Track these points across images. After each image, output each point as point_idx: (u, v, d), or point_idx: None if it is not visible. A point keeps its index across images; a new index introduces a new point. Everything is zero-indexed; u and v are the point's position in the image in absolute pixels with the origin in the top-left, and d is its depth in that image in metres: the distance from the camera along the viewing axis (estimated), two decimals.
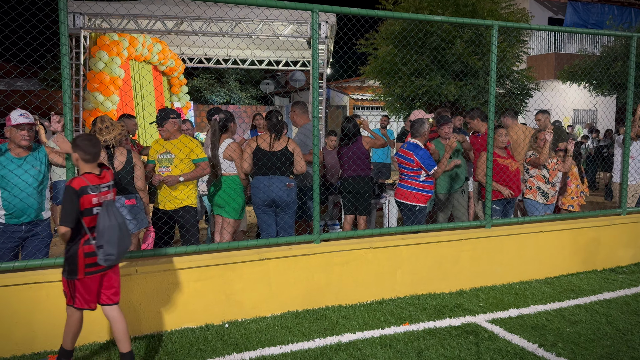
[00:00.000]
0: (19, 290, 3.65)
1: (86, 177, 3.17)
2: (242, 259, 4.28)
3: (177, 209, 4.59)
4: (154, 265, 4.04)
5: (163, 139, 4.62)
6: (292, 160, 4.84)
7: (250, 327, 4.15)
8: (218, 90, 21.96)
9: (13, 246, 3.88)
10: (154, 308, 4.03)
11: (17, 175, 3.78)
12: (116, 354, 3.67)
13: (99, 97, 9.03)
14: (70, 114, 3.83)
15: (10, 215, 3.81)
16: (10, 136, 3.79)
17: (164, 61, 12.07)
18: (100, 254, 3.14)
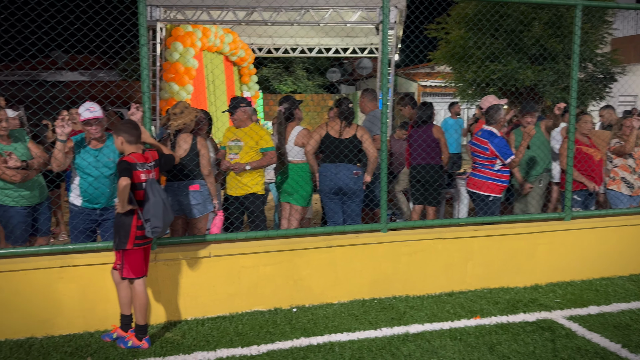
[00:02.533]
0: (104, 268, 3.89)
1: (133, 155, 3.49)
2: (309, 245, 4.32)
3: (246, 195, 4.70)
4: (226, 249, 4.17)
5: (234, 126, 4.73)
6: (359, 147, 4.79)
7: (317, 313, 4.18)
8: (285, 79, 22.23)
9: (88, 228, 4.13)
10: (226, 290, 4.16)
11: (95, 167, 4.00)
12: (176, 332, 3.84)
13: (174, 86, 9.40)
14: (148, 103, 4.01)
15: (87, 201, 4.06)
16: (85, 130, 4.00)
17: (235, 51, 12.35)
18: (147, 227, 3.45)
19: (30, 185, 4.13)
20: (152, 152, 3.70)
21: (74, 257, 3.88)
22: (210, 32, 10.50)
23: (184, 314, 4.10)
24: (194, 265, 4.09)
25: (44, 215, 4.32)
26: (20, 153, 4.07)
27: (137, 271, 3.58)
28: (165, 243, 4.13)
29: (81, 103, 3.96)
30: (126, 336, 3.65)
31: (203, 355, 3.51)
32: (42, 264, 3.81)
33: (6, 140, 4.08)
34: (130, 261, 3.54)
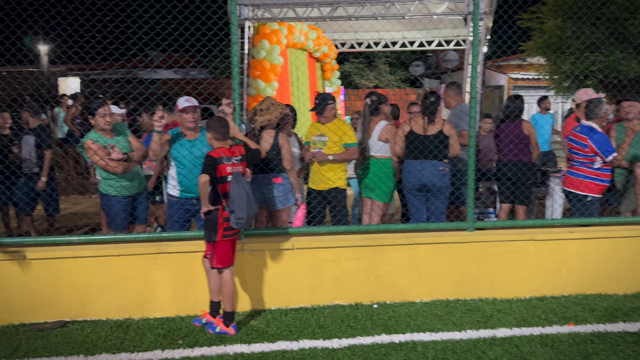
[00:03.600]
0: (196, 256, 4.08)
1: (220, 149, 3.66)
2: (391, 242, 4.27)
3: (329, 189, 4.73)
4: (309, 242, 4.23)
5: (320, 123, 4.78)
6: (446, 143, 4.65)
7: (398, 311, 4.13)
8: (367, 74, 22.11)
9: (182, 217, 4.35)
10: (308, 282, 4.23)
11: (189, 159, 4.20)
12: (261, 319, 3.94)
13: (260, 83, 9.67)
14: (238, 99, 4.15)
15: (184, 191, 4.28)
16: (180, 121, 4.22)
17: (319, 47, 12.46)
18: (232, 218, 3.60)
19: (130, 176, 4.43)
20: (239, 147, 3.84)
21: (168, 245, 4.11)
22: (295, 29, 10.68)
23: (267, 303, 4.22)
24: (278, 257, 4.19)
25: (142, 205, 4.63)
26: (122, 146, 4.38)
27: (225, 261, 3.73)
28: (252, 234, 4.26)
29: (176, 99, 4.19)
30: (214, 322, 3.82)
31: (286, 344, 3.59)
32: (139, 250, 4.08)
33: (110, 134, 4.40)
34: (219, 252, 3.70)
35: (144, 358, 3.43)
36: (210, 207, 3.61)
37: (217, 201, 3.65)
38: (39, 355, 3.48)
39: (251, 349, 3.53)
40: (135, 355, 3.46)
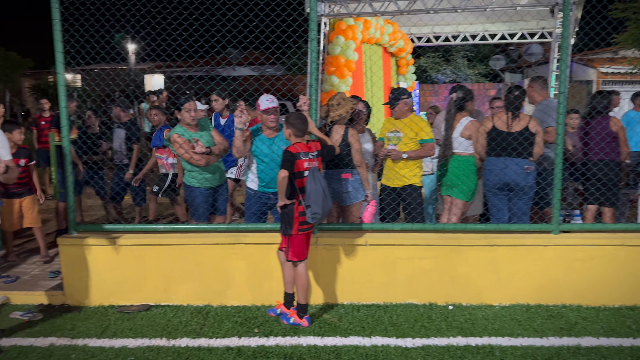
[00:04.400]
0: (271, 248, 4.18)
1: (297, 145, 3.73)
2: (469, 242, 4.14)
3: (404, 186, 4.66)
4: (382, 239, 4.20)
5: (394, 117, 4.72)
6: (531, 141, 4.42)
7: (475, 313, 4.00)
8: (444, 68, 21.54)
9: (259, 210, 4.46)
10: (381, 279, 4.20)
11: (268, 155, 4.29)
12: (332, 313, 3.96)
13: (334, 79, 9.70)
14: (315, 95, 4.20)
15: (263, 185, 4.38)
16: (261, 120, 4.32)
17: (394, 42, 12.29)
18: (308, 213, 3.65)
19: (212, 169, 4.61)
20: (315, 143, 3.88)
21: (245, 236, 4.25)
22: (370, 24, 10.60)
23: (340, 297, 4.24)
24: (351, 252, 4.19)
25: (222, 197, 4.80)
26: (205, 140, 4.56)
27: (300, 254, 3.79)
28: (325, 228, 4.30)
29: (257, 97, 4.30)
30: (288, 313, 3.90)
31: (359, 340, 3.59)
32: (219, 240, 4.25)
33: (194, 128, 4.60)
34: (294, 245, 3.77)
35: (222, 344, 3.56)
36: (287, 202, 3.68)
37: (293, 195, 3.71)
38: (125, 335, 3.71)
39: (324, 342, 3.57)
40: (214, 341, 3.61)
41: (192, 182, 4.61)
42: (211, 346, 3.54)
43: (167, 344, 3.57)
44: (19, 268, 5.05)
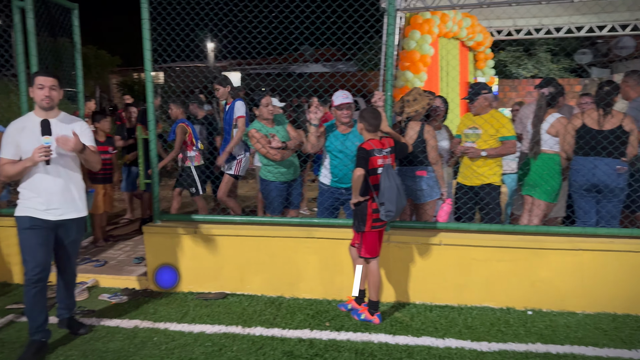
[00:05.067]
0: (342, 243, 4.20)
1: (371, 141, 3.66)
2: (552, 245, 3.94)
3: (482, 185, 4.50)
4: (457, 239, 4.09)
5: (473, 114, 4.56)
6: (624, 140, 4.11)
7: (556, 320, 3.81)
8: (525, 63, 20.54)
9: (332, 205, 4.49)
10: (455, 280, 4.10)
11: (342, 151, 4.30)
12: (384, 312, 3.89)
13: (408, 75, 9.55)
14: (391, 90, 4.15)
15: (336, 181, 4.41)
16: (335, 115, 4.33)
17: (472, 36, 11.89)
18: (382, 210, 3.60)
19: (287, 163, 4.70)
20: (389, 139, 3.83)
21: (317, 230, 4.29)
22: (448, 17, 10.32)
23: (412, 297, 4.19)
24: (424, 251, 4.12)
25: (296, 191, 4.89)
26: (281, 135, 4.66)
27: (372, 252, 3.77)
28: (398, 226, 4.25)
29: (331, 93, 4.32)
30: (359, 309, 3.90)
31: (432, 341, 3.52)
32: (292, 233, 4.33)
33: (270, 123, 4.71)
34: (367, 242, 3.75)
35: (295, 335, 3.63)
36: (361, 199, 3.67)
37: (366, 192, 3.69)
38: (203, 322, 3.88)
39: (395, 340, 3.54)
40: (287, 332, 3.68)
41: (268, 176, 4.72)
42: (284, 336, 3.61)
43: (242, 332, 3.69)
44: (107, 253, 5.42)
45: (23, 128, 3.27)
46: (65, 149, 3.19)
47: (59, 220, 3.35)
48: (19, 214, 3.32)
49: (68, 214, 3.38)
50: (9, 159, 3.26)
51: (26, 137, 3.24)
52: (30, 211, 3.29)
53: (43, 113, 3.29)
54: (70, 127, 3.33)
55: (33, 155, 3.13)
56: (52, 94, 3.27)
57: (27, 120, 3.32)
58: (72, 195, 3.39)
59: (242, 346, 3.48)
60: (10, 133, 3.27)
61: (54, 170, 3.27)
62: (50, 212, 3.31)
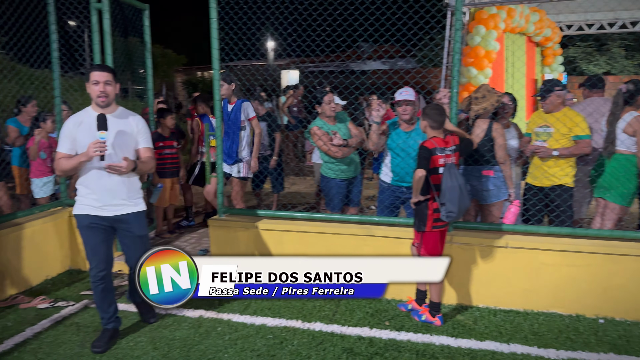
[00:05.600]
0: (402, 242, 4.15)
1: (434, 139, 3.57)
2: (629, 251, 3.72)
3: (553, 186, 4.30)
4: (525, 242, 3.94)
5: (544, 111, 4.37)
6: None
7: (631, 330, 3.60)
8: (597, 59, 19.47)
9: (392, 203, 4.44)
10: (521, 284, 3.95)
11: (403, 149, 4.26)
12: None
13: (472, 71, 9.29)
14: (457, 87, 4.05)
15: (397, 179, 4.36)
16: (397, 112, 4.29)
17: (540, 31, 11.41)
18: (442, 211, 3.52)
19: (348, 161, 4.70)
20: (454, 137, 3.72)
21: (377, 228, 4.26)
22: (515, 12, 9.95)
23: (475, 300, 4.08)
24: (489, 254, 4.00)
25: (357, 188, 4.88)
26: (343, 132, 4.66)
27: (434, 252, 3.69)
28: (461, 227, 4.15)
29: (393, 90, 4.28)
30: (420, 310, 3.84)
31: (496, 345, 3.42)
32: (352, 231, 4.32)
33: (332, 121, 4.72)
34: (428, 242, 3.68)
35: (354, 333, 3.63)
36: (421, 198, 3.59)
37: (427, 191, 3.61)
38: (265, 314, 3.95)
39: (457, 344, 3.46)
40: (346, 329, 3.69)
41: (329, 173, 4.74)
42: (343, 333, 3.62)
43: (302, 326, 3.73)
44: (173, 245, 5.62)
45: (80, 123, 3.21)
46: (116, 174, 3.18)
47: (115, 216, 3.31)
48: (77, 212, 3.32)
49: (124, 209, 3.32)
50: (65, 154, 3.22)
51: (83, 132, 3.19)
52: (87, 209, 3.27)
53: (100, 109, 3.22)
54: (127, 122, 3.30)
55: (88, 150, 3.07)
56: (107, 89, 3.17)
57: (84, 115, 3.25)
58: (127, 190, 3.32)
59: (303, 340, 3.52)
60: (67, 127, 3.23)
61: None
62: (106, 209, 3.27)
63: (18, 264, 4.45)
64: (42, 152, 5.38)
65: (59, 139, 3.25)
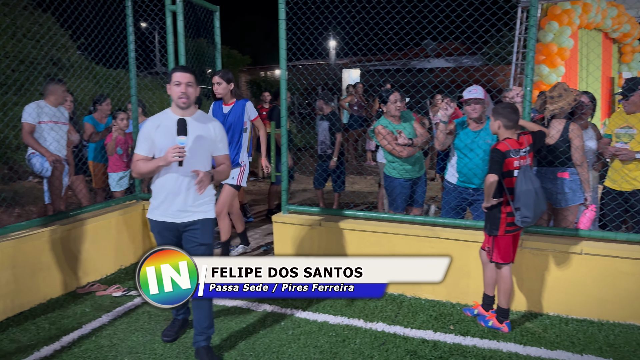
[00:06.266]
0: (469, 245, 4.04)
1: (507, 141, 3.42)
2: None
3: (634, 190, 4.05)
4: (601, 249, 3.73)
5: (626, 112, 4.12)
6: None
7: None
8: None
9: (458, 205, 4.34)
10: (596, 293, 3.75)
11: (471, 149, 4.14)
12: None
13: (544, 69, 8.91)
14: (530, 85, 3.90)
15: (464, 180, 4.25)
16: (465, 111, 4.18)
17: (618, 27, 10.76)
18: (517, 216, 3.39)
19: (412, 160, 4.63)
20: (527, 136, 3.57)
21: (443, 230, 4.18)
22: (591, 7, 9.44)
23: (545, 307, 3.91)
24: (563, 260, 3.82)
25: (421, 189, 4.80)
26: (408, 132, 4.60)
27: (506, 257, 3.57)
28: (533, 231, 3.99)
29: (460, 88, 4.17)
30: (487, 315, 3.73)
31: (568, 356, 3.27)
32: (415, 232, 4.25)
33: (397, 120, 4.68)
34: (500, 247, 3.55)
35: (417, 335, 3.57)
36: (493, 202, 3.48)
37: (500, 194, 3.48)
38: (327, 312, 3.96)
39: (526, 352, 3.33)
40: (409, 331, 3.64)
41: (392, 172, 4.70)
42: (406, 335, 3.58)
43: (365, 326, 3.72)
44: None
45: (159, 125, 3.14)
46: (199, 189, 3.06)
47: (183, 223, 3.19)
48: (149, 216, 3.26)
49: (193, 215, 3.19)
50: (143, 156, 3.16)
51: (161, 135, 3.11)
52: (159, 214, 3.21)
53: (180, 111, 3.14)
54: (206, 127, 3.19)
55: (167, 155, 2.98)
56: (189, 91, 3.08)
57: (163, 118, 3.18)
58: (199, 197, 3.19)
59: (365, 340, 3.51)
60: (146, 129, 3.16)
61: (184, 171, 3.10)
62: (177, 215, 3.17)
63: (95, 254, 4.73)
64: (119, 148, 5.67)
65: (137, 140, 3.22)
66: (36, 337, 3.59)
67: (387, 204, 5.13)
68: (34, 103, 4.70)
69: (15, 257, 3.96)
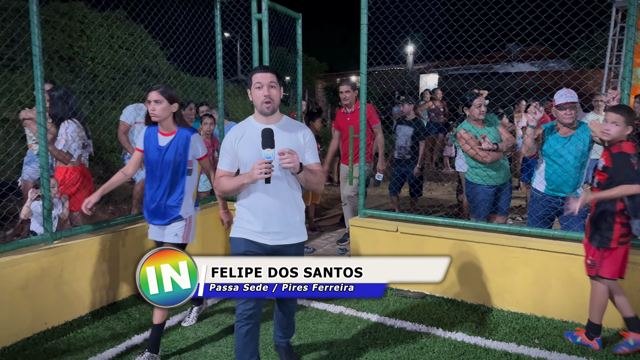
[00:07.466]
0: (558, 257, 3.84)
1: (626, 144, 3.23)
2: None
3: None
4: None
5: None
6: None
7: None
8: None
9: (546, 214, 4.12)
10: None
11: (561, 155, 3.93)
12: None
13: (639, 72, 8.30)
14: (628, 89, 3.69)
15: (552, 189, 4.04)
16: (557, 116, 3.97)
17: None
18: (635, 224, 3.15)
19: (497, 166, 4.48)
20: None
21: (530, 240, 3.99)
22: None
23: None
24: None
25: (505, 196, 4.62)
26: (492, 137, 4.46)
27: (614, 273, 3.31)
28: (636, 244, 3.69)
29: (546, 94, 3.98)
30: (575, 331, 3.52)
31: None
32: (499, 241, 4.11)
33: (481, 124, 4.54)
34: (611, 260, 3.29)
35: (499, 347, 3.44)
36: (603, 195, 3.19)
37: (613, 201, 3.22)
38: (404, 318, 3.93)
39: None
40: (491, 343, 3.51)
41: (475, 178, 4.56)
42: (488, 347, 3.45)
43: (443, 335, 3.64)
44: (314, 242, 5.86)
45: (242, 136, 2.78)
46: (284, 163, 2.57)
47: (276, 246, 2.81)
48: (234, 235, 2.87)
49: (288, 238, 2.84)
50: (226, 171, 2.83)
51: (245, 147, 2.76)
52: (246, 233, 2.82)
53: (264, 119, 2.77)
54: (294, 135, 2.80)
55: (252, 171, 2.58)
56: (272, 93, 2.71)
57: (246, 127, 2.82)
58: (293, 218, 2.84)
59: (444, 349, 3.43)
60: (228, 141, 2.81)
61: (274, 189, 2.74)
62: (268, 236, 2.80)
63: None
64: None
65: (220, 154, 2.89)
66: (128, 326, 3.85)
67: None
68: (133, 104, 5.01)
69: (110, 251, 4.26)
